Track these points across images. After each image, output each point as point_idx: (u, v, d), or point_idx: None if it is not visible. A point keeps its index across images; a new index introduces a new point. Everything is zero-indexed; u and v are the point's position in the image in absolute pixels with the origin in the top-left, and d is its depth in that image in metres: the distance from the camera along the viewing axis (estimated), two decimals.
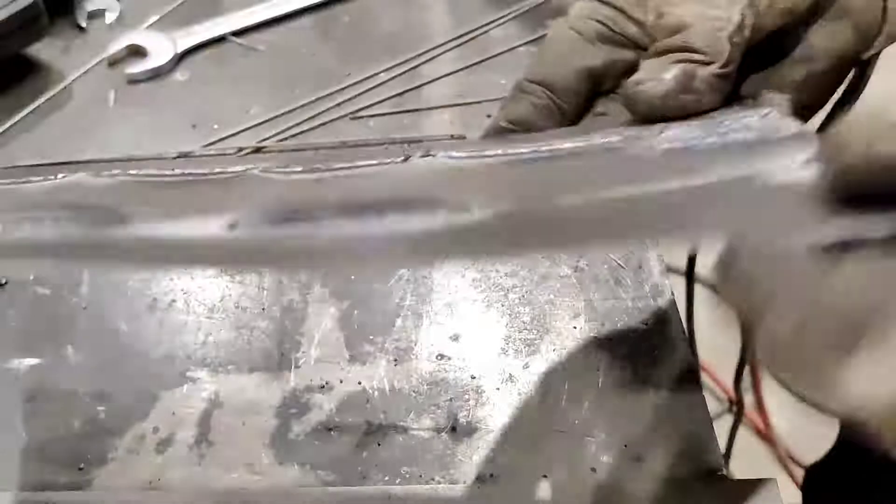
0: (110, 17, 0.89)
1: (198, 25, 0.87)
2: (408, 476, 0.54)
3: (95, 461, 0.55)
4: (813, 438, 0.83)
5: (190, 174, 0.42)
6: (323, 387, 0.59)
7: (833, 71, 0.47)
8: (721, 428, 0.69)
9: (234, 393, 0.59)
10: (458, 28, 0.87)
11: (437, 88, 0.81)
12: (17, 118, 0.79)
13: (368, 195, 0.38)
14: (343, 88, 0.81)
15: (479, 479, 0.54)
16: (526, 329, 0.62)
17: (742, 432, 1.07)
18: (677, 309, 0.63)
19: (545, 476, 0.54)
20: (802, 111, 0.46)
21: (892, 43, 0.47)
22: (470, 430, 0.56)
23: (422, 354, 0.60)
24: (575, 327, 0.62)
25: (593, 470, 0.54)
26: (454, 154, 0.40)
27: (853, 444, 0.42)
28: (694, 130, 0.39)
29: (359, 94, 0.80)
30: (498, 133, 0.48)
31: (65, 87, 0.82)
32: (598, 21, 0.47)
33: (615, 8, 0.47)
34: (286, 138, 0.77)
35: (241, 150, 0.76)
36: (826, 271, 0.31)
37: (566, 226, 0.36)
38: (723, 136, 0.38)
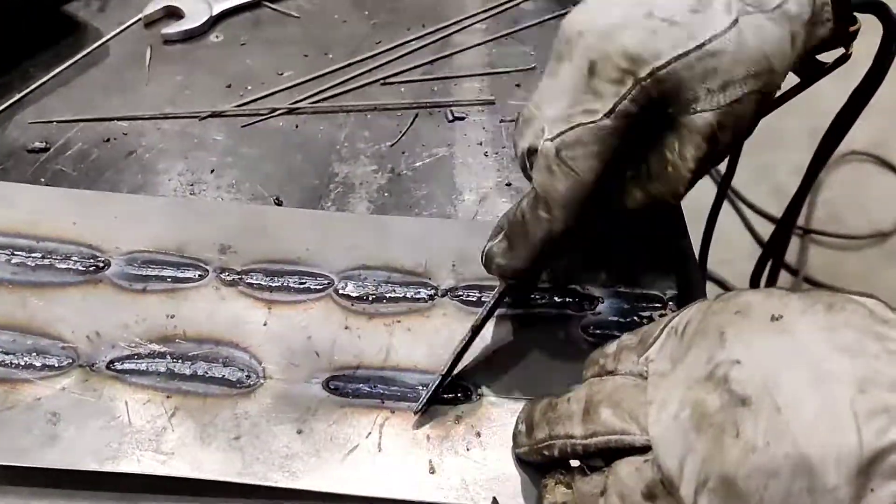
0: None
1: None
2: None
3: None
4: None
5: None
6: None
7: None
8: None
9: None
10: (488, 0, 0.88)
11: (468, 57, 0.82)
12: (54, 72, 0.81)
13: None
14: (375, 55, 0.82)
15: None
16: None
17: None
18: None
19: None
20: None
21: None
22: None
23: None
24: None
25: None
26: None
27: None
28: None
29: (390, 61, 0.82)
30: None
31: (101, 45, 0.83)
32: None
33: None
34: (319, 101, 0.78)
35: (274, 110, 0.77)
36: None
37: None
38: None
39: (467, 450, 0.55)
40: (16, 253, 0.65)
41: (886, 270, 1.95)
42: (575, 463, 0.49)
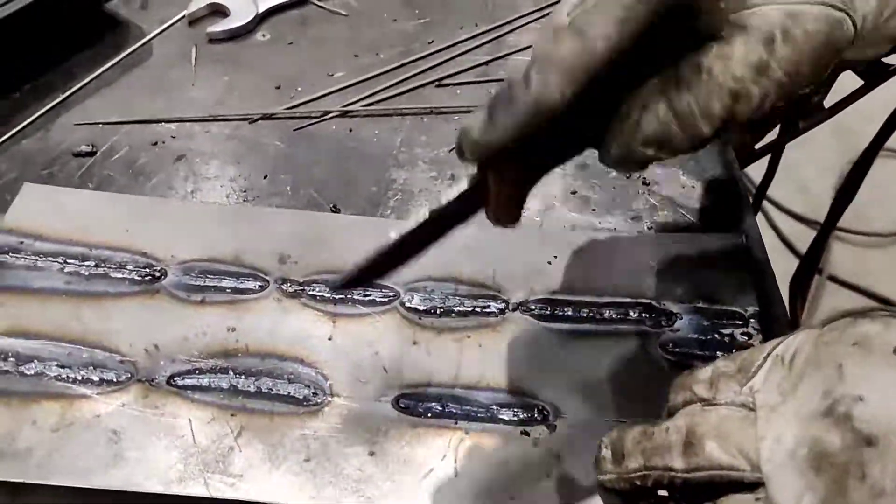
0: None
1: None
2: None
3: None
4: None
5: None
6: None
7: None
8: None
9: None
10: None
11: (524, 59, 0.80)
12: (97, 73, 0.78)
13: None
14: (428, 55, 0.80)
15: None
16: None
17: None
18: None
19: None
20: None
21: None
22: None
23: None
24: None
25: None
26: None
27: None
28: None
29: (444, 62, 0.79)
30: None
31: (144, 45, 0.81)
32: None
33: None
34: (372, 104, 0.76)
35: (326, 113, 0.75)
36: None
37: None
38: None
39: (547, 475, 0.53)
40: (69, 261, 0.63)
41: None
42: (663, 493, 0.47)
